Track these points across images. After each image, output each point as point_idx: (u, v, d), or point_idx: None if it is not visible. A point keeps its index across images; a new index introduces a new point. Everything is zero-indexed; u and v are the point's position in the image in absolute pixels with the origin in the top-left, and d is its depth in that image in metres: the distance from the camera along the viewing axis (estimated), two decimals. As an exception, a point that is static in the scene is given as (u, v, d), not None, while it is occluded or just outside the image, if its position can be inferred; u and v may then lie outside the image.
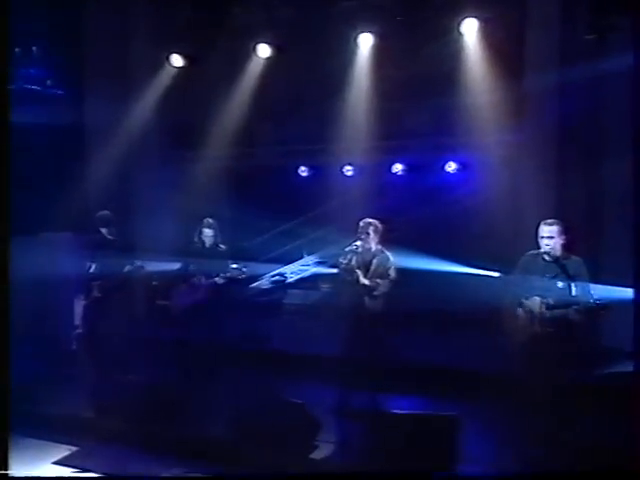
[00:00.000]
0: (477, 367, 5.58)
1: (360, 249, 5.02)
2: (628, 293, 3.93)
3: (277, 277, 8.18)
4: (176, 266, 5.77)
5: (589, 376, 5.09)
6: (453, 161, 7.71)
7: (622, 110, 5.12)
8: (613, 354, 5.40)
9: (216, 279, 5.56)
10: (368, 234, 5.00)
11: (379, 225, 5.08)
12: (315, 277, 8.08)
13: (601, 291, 4.23)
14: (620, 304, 4.09)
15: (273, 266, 8.14)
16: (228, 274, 5.51)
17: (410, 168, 8.00)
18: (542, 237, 4.39)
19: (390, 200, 7.50)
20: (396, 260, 5.09)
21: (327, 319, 6.12)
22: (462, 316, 6.12)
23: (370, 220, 5.07)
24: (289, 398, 4.63)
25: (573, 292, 4.26)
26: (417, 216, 7.37)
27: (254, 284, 7.87)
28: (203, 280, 5.59)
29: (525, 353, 4.43)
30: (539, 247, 4.42)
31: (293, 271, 8.23)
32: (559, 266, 4.36)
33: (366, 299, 5.05)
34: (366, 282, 5.04)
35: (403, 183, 7.96)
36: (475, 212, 7.00)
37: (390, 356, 5.20)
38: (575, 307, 4.18)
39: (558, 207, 5.77)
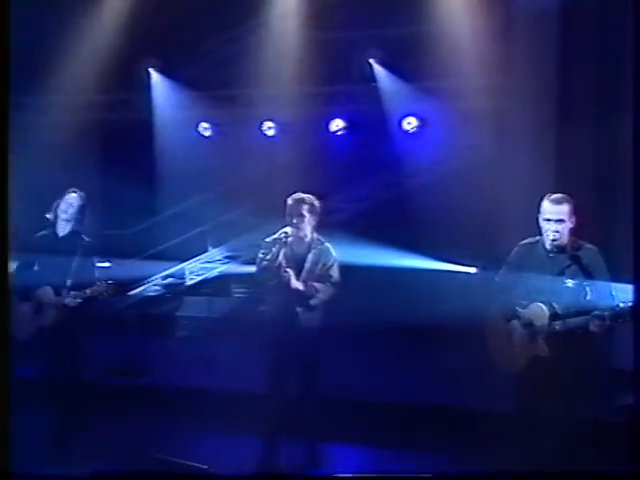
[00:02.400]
0: (454, 406, 5.48)
1: (290, 238, 4.66)
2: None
3: (169, 280, 8.13)
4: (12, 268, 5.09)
5: (615, 414, 4.98)
6: (413, 115, 7.54)
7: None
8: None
9: (67, 300, 4.82)
10: (301, 216, 4.63)
11: (316, 203, 4.70)
12: (224, 279, 8.05)
13: (623, 291, 4.01)
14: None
15: (163, 264, 8.05)
16: (88, 291, 4.79)
17: (354, 125, 7.87)
18: (548, 220, 4.12)
19: (328, 169, 7.49)
20: (340, 254, 4.80)
21: (241, 340, 6.07)
22: (431, 334, 6.09)
23: (304, 196, 4.69)
24: (182, 460, 4.26)
25: (588, 295, 4.03)
26: (366, 191, 7.56)
27: (134, 290, 7.75)
28: (52, 295, 4.88)
29: (523, 385, 4.22)
30: (540, 233, 4.19)
31: (192, 271, 8.16)
32: (570, 259, 4.11)
33: (298, 311, 4.72)
34: (299, 286, 4.68)
35: (345, 146, 7.87)
36: (445, 185, 6.93)
37: (331, 393, 5.10)
38: (594, 316, 3.88)
39: (559, 177, 5.77)
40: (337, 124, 7.87)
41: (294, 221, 4.63)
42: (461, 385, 5.60)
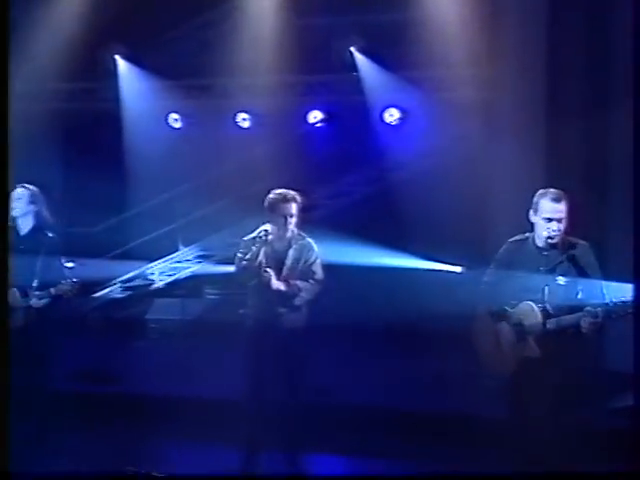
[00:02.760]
0: (442, 411, 5.49)
1: (270, 236, 4.66)
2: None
3: (137, 281, 8.08)
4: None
5: (610, 417, 5.03)
6: (395, 107, 7.52)
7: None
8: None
9: (32, 301, 4.89)
10: (292, 215, 4.65)
11: (299, 199, 4.71)
12: (197, 279, 7.98)
13: (614, 288, 4.06)
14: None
15: (131, 264, 8.02)
16: (53, 290, 4.85)
17: (333, 117, 7.85)
18: (549, 219, 4.12)
19: (306, 163, 7.51)
20: (321, 252, 4.81)
21: (219, 344, 6.08)
22: (417, 335, 6.10)
23: (293, 193, 4.71)
24: (155, 473, 4.28)
25: (580, 292, 4.05)
26: (347, 187, 7.59)
27: (99, 292, 7.67)
28: (18, 297, 4.89)
29: (513, 388, 4.20)
30: (531, 229, 4.20)
31: (162, 271, 8.10)
32: (561, 256, 4.13)
33: (281, 312, 4.73)
34: (280, 286, 4.67)
35: (324, 138, 7.86)
36: (430, 180, 6.95)
37: (316, 398, 5.14)
38: (586, 313, 3.90)
39: (549, 171, 5.82)
40: (315, 115, 7.84)
41: (283, 220, 4.63)
42: (448, 388, 5.61)
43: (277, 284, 4.64)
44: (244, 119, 7.85)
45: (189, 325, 7.44)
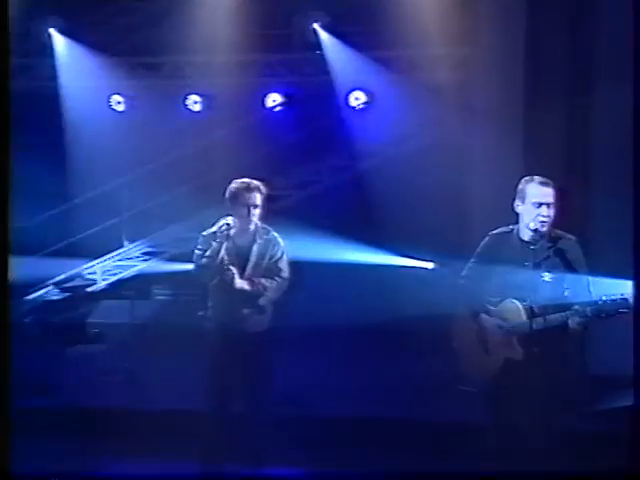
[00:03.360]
0: (419, 419, 5.49)
1: (232, 230, 4.66)
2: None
3: (77, 281, 8.05)
4: None
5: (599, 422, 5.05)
6: (361, 90, 7.51)
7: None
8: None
9: None
10: (256, 207, 4.66)
11: (263, 188, 4.73)
12: (144, 279, 7.88)
13: (600, 285, 4.14)
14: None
15: (70, 262, 7.95)
16: None
17: (294, 100, 7.83)
18: (538, 204, 4.13)
19: (264, 151, 7.50)
20: (289, 247, 4.83)
21: (171, 350, 6.12)
22: (391, 337, 6.10)
23: (257, 184, 4.72)
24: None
25: (567, 289, 4.09)
26: (309, 176, 7.56)
27: (34, 294, 7.63)
28: None
29: (495, 393, 4.20)
30: (516, 221, 4.20)
31: (106, 270, 8.01)
32: (548, 250, 4.13)
33: (245, 313, 4.73)
34: (244, 285, 4.67)
35: (284, 124, 7.83)
36: (400, 168, 7.00)
37: (282, 408, 5.12)
38: (575, 312, 3.96)
39: (529, 158, 5.83)
40: (274, 99, 7.80)
41: (246, 211, 4.64)
42: (426, 394, 5.65)
43: (241, 283, 4.63)
44: (195, 102, 7.80)
45: (138, 329, 7.27)
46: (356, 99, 7.55)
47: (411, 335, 5.88)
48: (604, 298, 3.91)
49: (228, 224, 4.60)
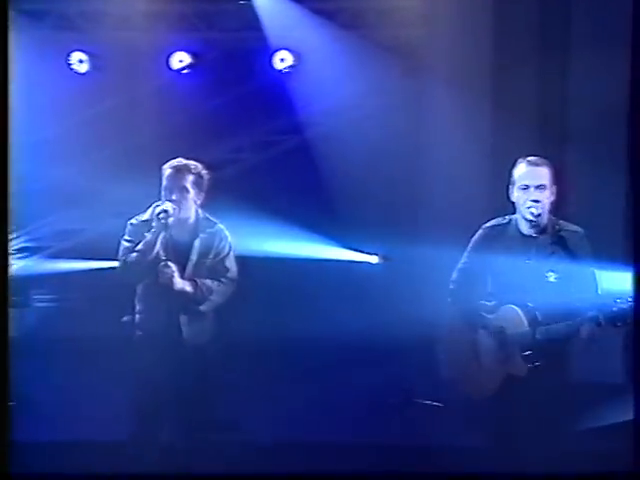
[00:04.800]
0: (405, 444, 5.51)
1: (170, 219, 4.71)
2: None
3: None
4: None
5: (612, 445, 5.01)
6: (287, 49, 7.47)
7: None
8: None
9: None
10: (184, 190, 4.76)
11: (204, 173, 4.86)
12: (20, 281, 7.27)
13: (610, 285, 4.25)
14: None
15: None
16: None
17: (204, 61, 7.74)
18: (526, 187, 4.23)
19: (168, 122, 7.52)
20: (236, 240, 4.98)
21: (89, 364, 6.03)
22: (371, 350, 6.12)
23: (187, 162, 4.83)
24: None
25: (575, 292, 4.17)
26: (226, 154, 7.50)
27: None
28: None
29: (493, 416, 4.39)
30: (513, 211, 4.31)
31: None
32: (552, 245, 4.25)
33: (183, 321, 4.80)
34: (185, 286, 4.76)
35: (192, 89, 7.76)
36: (340, 143, 7.06)
37: (221, 433, 5.30)
38: (587, 319, 4.05)
39: (499, 127, 6.05)
40: (181, 59, 7.69)
41: (173, 197, 4.72)
42: (405, 418, 5.73)
43: (181, 284, 4.68)
44: (80, 61, 7.65)
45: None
46: (281, 60, 7.43)
47: (386, 346, 5.87)
48: (619, 302, 3.95)
49: (166, 210, 4.63)
